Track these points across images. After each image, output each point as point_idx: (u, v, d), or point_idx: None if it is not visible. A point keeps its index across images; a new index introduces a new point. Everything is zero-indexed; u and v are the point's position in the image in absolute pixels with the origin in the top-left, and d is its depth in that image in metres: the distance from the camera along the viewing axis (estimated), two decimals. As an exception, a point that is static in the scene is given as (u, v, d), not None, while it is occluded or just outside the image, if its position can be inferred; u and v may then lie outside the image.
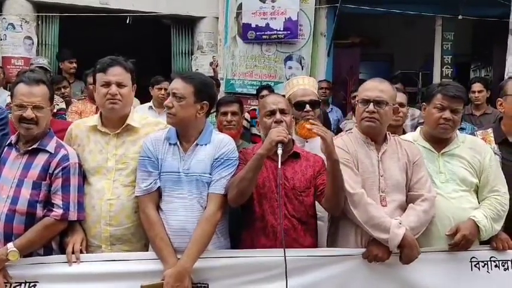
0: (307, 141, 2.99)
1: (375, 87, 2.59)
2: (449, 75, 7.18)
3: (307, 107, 2.98)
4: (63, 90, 5.38)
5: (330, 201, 2.49)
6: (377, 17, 7.02)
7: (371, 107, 2.54)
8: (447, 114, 2.67)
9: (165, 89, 5.40)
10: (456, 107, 2.68)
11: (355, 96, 4.86)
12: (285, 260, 2.32)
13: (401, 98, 3.37)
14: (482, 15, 6.71)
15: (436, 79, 7.13)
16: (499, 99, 3.06)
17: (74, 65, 6.24)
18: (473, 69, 9.06)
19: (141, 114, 2.88)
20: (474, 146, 2.78)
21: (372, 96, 2.55)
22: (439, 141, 2.77)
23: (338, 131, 5.19)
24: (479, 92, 5.62)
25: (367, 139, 2.62)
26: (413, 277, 2.56)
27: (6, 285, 2.37)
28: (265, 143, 2.40)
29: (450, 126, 2.69)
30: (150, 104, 5.50)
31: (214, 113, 3.85)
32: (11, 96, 2.57)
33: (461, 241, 2.58)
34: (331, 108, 6.38)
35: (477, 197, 2.72)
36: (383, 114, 2.55)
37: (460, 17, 6.62)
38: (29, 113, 2.45)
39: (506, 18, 6.28)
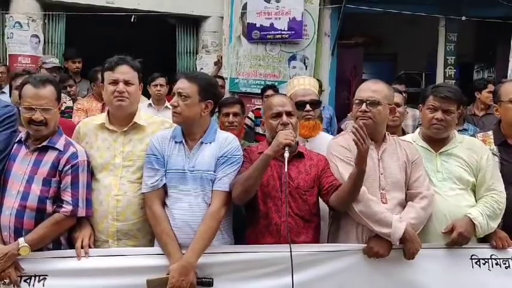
0: (307, 141, 3.02)
1: (368, 88, 2.67)
2: (452, 76, 7.16)
3: (308, 106, 3.02)
4: (69, 88, 5.44)
5: (342, 201, 2.52)
6: (381, 17, 7.02)
7: (363, 106, 2.61)
8: (439, 114, 2.72)
9: (161, 85, 5.46)
10: (448, 108, 2.73)
11: None
12: (291, 255, 2.35)
13: (397, 98, 3.40)
14: (485, 16, 6.69)
15: (439, 80, 7.11)
16: (495, 105, 3.09)
17: (77, 64, 6.27)
18: (476, 70, 9.02)
19: (144, 112, 2.94)
20: (472, 146, 2.82)
21: (365, 97, 2.62)
22: (436, 141, 2.81)
23: (339, 130, 5.22)
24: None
25: (367, 138, 2.66)
26: (416, 273, 2.59)
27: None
28: (273, 145, 2.44)
29: (443, 126, 2.73)
30: (150, 101, 5.54)
31: (216, 114, 3.89)
32: (19, 96, 2.61)
33: (458, 239, 2.61)
34: (323, 107, 6.40)
35: (474, 196, 2.76)
36: (376, 113, 2.61)
37: (463, 17, 6.60)
38: (37, 116, 2.50)
39: (510, 19, 6.27)
